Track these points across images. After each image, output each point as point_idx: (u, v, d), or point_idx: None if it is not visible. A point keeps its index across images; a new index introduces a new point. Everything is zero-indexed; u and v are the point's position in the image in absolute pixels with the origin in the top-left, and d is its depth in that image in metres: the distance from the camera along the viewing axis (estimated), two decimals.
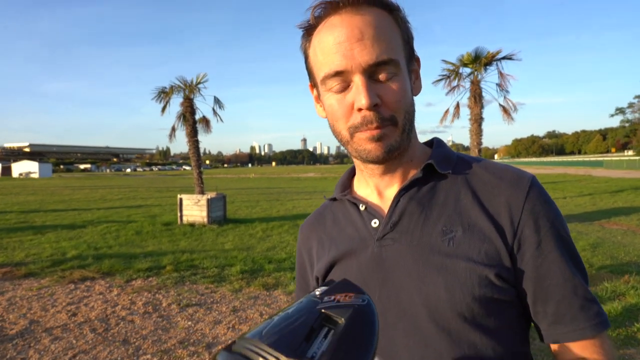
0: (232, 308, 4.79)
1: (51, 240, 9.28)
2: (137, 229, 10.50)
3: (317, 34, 0.72)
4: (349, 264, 0.79)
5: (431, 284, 0.69)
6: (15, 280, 6.13)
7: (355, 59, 0.66)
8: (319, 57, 0.71)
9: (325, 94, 0.73)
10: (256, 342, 0.39)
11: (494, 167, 0.76)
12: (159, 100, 12.06)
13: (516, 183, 0.72)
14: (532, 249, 0.69)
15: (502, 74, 10.50)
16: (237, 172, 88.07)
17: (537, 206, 0.70)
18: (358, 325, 0.42)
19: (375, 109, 0.68)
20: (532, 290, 0.70)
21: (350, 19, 0.67)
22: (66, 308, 4.88)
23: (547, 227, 0.70)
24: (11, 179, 65.75)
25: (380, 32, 0.68)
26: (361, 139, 0.71)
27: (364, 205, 0.80)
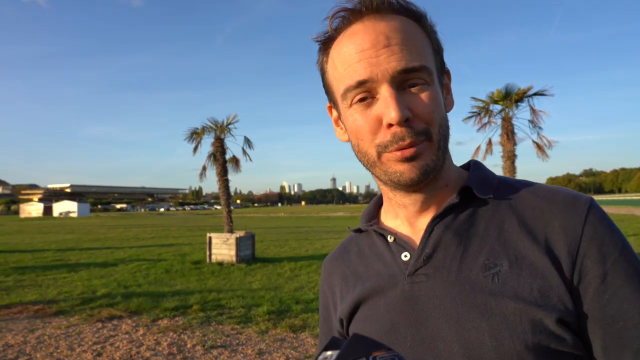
0: (257, 351, 4.63)
1: (83, 278, 9.41)
2: (167, 268, 10.55)
3: (337, 45, 0.64)
4: (376, 304, 0.68)
5: (473, 330, 0.57)
6: (46, 318, 6.19)
7: (382, 66, 0.58)
8: (339, 69, 0.63)
9: (347, 111, 0.64)
10: None
11: (543, 189, 0.65)
12: (191, 141, 12.40)
13: (572, 206, 0.61)
14: (597, 284, 0.56)
15: (534, 110, 10.29)
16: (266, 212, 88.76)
17: (600, 232, 0.58)
18: None
19: (406, 123, 0.59)
20: (600, 337, 0.56)
21: (374, 25, 0.60)
22: (92, 347, 4.84)
23: (615, 256, 0.57)
24: (52, 218, 68.39)
25: (409, 37, 0.60)
26: (391, 159, 0.61)
27: (392, 236, 0.69)
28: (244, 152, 12.78)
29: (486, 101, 10.76)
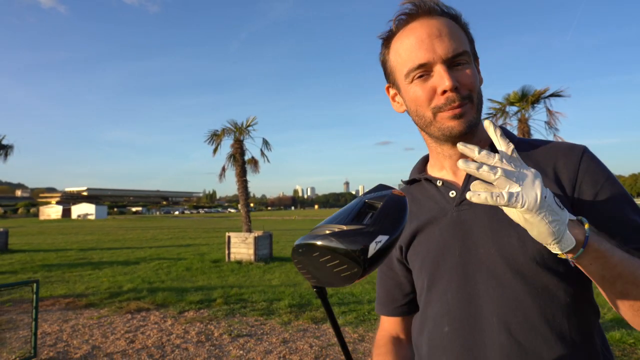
0: (282, 339, 4.82)
1: (108, 274, 9.73)
2: (187, 266, 10.82)
3: (398, 38, 0.86)
4: (430, 230, 0.90)
5: (505, 236, 0.81)
6: (77, 310, 6.47)
7: (437, 52, 0.80)
8: (402, 55, 0.85)
9: (407, 86, 0.86)
10: (323, 225, 0.59)
11: (550, 143, 0.90)
12: (211, 143, 12.69)
13: (571, 150, 0.85)
14: (591, 200, 0.80)
15: (550, 112, 10.35)
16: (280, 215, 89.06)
17: (592, 166, 0.82)
18: (392, 205, 0.61)
19: (455, 90, 0.80)
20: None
21: (427, 22, 0.83)
22: (124, 336, 5.09)
23: (602, 181, 0.81)
24: (70, 220, 69.68)
25: (454, 31, 0.83)
26: (444, 117, 0.82)
27: (440, 181, 0.92)
28: (262, 153, 13.04)
29: (502, 103, 10.84)
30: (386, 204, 0.61)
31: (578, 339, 0.78)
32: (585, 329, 0.80)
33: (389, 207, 0.60)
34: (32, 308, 4.48)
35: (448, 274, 0.87)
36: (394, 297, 1.04)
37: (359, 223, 0.58)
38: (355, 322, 5.38)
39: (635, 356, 4.03)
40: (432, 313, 0.90)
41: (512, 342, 0.78)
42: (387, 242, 0.56)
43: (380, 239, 0.56)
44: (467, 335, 0.83)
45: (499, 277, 0.81)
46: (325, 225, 0.59)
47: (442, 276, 0.88)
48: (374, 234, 0.56)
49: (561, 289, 0.79)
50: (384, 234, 0.56)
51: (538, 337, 0.78)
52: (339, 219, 0.59)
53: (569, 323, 0.78)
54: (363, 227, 0.57)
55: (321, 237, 0.58)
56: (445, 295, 0.87)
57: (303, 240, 0.59)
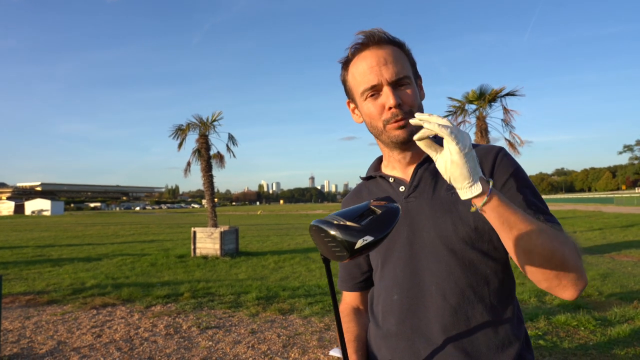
0: (250, 330, 4.95)
1: (69, 271, 9.51)
2: (152, 261, 10.71)
3: (354, 64, 1.07)
4: None
5: (442, 222, 1.03)
6: (39, 306, 6.35)
7: (384, 76, 1.02)
8: (357, 78, 1.06)
9: (363, 103, 1.08)
10: (334, 216, 0.80)
11: (479, 147, 1.10)
12: (176, 137, 12.55)
13: (491, 149, 1.09)
14: (500, 186, 1.02)
15: (506, 110, 10.90)
16: (245, 210, 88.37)
17: (504, 161, 1.05)
18: (387, 216, 0.81)
19: (398, 107, 1.02)
20: None
21: (376, 51, 1.04)
22: (91, 330, 5.08)
23: (511, 171, 1.04)
24: (24, 216, 66.62)
25: (397, 58, 1.04)
26: (391, 128, 1.05)
27: (392, 178, 1.15)
28: (228, 148, 13.03)
29: (462, 101, 11.31)
30: (383, 213, 0.80)
31: (496, 301, 1.02)
32: (502, 294, 1.03)
33: (384, 216, 0.79)
34: None
35: (398, 252, 1.08)
36: (353, 275, 1.26)
37: (358, 222, 0.77)
38: (322, 312, 5.58)
39: (577, 337, 4.42)
40: (385, 285, 1.12)
41: (446, 304, 1.00)
42: (371, 241, 0.76)
43: (367, 238, 0.76)
44: (412, 301, 1.04)
45: (437, 254, 1.03)
46: (336, 216, 0.80)
47: (392, 255, 1.09)
48: (364, 233, 0.76)
49: (483, 263, 1.02)
50: (371, 235, 0.76)
51: (465, 299, 1.00)
52: (347, 215, 0.79)
53: (489, 289, 1.02)
54: (359, 226, 0.77)
55: (329, 225, 0.79)
56: (395, 270, 1.08)
57: (318, 223, 0.80)
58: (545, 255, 0.85)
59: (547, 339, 4.35)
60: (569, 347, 4.16)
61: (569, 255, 0.86)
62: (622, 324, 4.73)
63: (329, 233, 0.77)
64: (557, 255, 0.85)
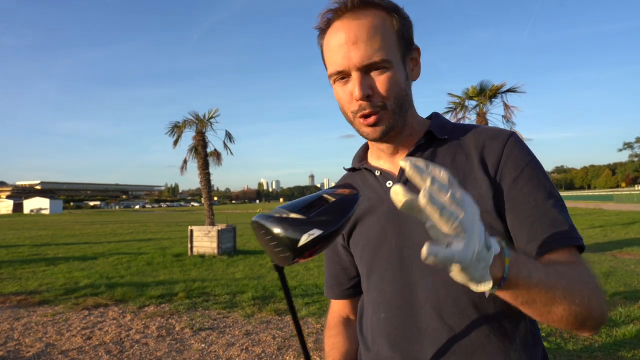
0: (244, 332, 4.81)
1: (64, 270, 9.37)
2: (148, 260, 10.58)
3: (327, 35, 0.86)
4: (369, 219, 0.93)
5: None
6: (29, 307, 6.21)
7: (351, 60, 0.80)
8: (327, 55, 0.87)
9: (333, 85, 0.88)
10: (279, 208, 0.65)
11: (482, 128, 0.92)
12: (172, 134, 12.40)
13: (497, 135, 0.88)
14: (510, 183, 0.83)
15: (506, 106, 10.74)
16: (245, 208, 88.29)
17: (515, 150, 0.85)
18: (341, 204, 0.66)
19: (367, 99, 0.82)
20: (512, 217, 0.82)
21: (349, 23, 0.81)
22: (81, 332, 4.93)
23: (523, 166, 0.83)
24: (23, 215, 66.53)
25: (372, 34, 0.80)
26: (360, 123, 0.86)
27: (378, 171, 0.95)
28: (225, 145, 12.87)
29: (462, 97, 11.16)
30: (336, 202, 0.65)
31: (505, 321, 0.82)
32: (512, 311, 0.79)
33: (337, 205, 0.65)
34: None
35: (385, 261, 0.90)
36: (340, 280, 1.07)
37: (304, 214, 0.62)
38: (319, 312, 5.43)
39: (581, 338, 4.28)
40: (371, 299, 0.94)
41: (443, 326, 0.82)
42: (319, 235, 0.60)
43: (313, 232, 0.60)
44: (402, 321, 0.87)
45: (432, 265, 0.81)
46: (281, 209, 0.64)
47: (379, 264, 0.91)
48: (309, 226, 0.60)
49: None
50: (320, 228, 0.60)
51: (466, 319, 0.81)
52: (293, 206, 0.64)
53: (495, 306, 0.81)
54: (304, 218, 0.62)
55: (269, 219, 0.63)
56: (382, 282, 0.90)
57: (257, 218, 0.65)
58: (567, 313, 0.69)
59: (550, 341, 4.21)
60: (573, 349, 4.02)
61: (593, 302, 0.71)
62: (627, 324, 4.59)
63: (269, 230, 0.62)
64: (580, 309, 0.70)
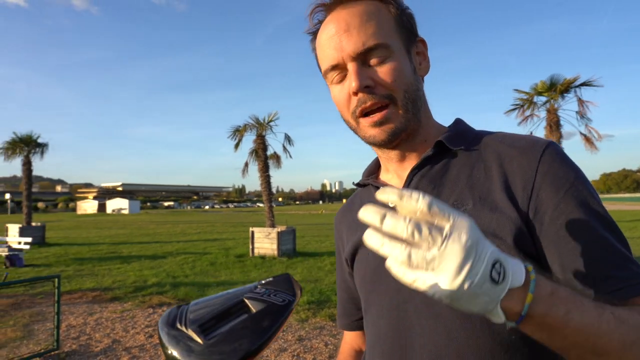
0: (297, 337, 4.81)
1: (135, 269, 9.97)
2: (212, 260, 10.98)
3: (318, 35, 0.76)
4: None
5: None
6: (102, 303, 6.65)
7: (345, 50, 0.70)
8: (319, 54, 0.76)
9: (329, 87, 0.77)
10: (190, 308, 0.51)
11: (510, 138, 0.74)
12: (234, 138, 12.79)
13: (530, 148, 0.70)
14: (551, 212, 0.64)
15: (581, 101, 9.89)
16: (308, 209, 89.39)
17: (553, 167, 0.66)
18: (262, 318, 0.50)
19: (368, 90, 0.70)
20: (557, 255, 0.64)
21: (338, 14, 0.72)
22: (144, 330, 5.20)
23: (567, 187, 0.65)
24: (105, 214, 72.10)
25: (366, 19, 0.70)
26: (365, 125, 0.73)
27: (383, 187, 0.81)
28: (285, 148, 13.05)
29: (530, 93, 10.44)
30: (254, 315, 0.50)
31: None
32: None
33: (253, 321, 0.49)
34: (55, 302, 4.62)
35: (382, 296, 0.77)
36: (349, 311, 0.97)
37: (205, 335, 0.47)
38: None
39: None
40: (369, 338, 0.82)
41: None
42: None
43: None
44: None
45: (432, 306, 0.68)
46: (190, 312, 0.50)
47: (376, 298, 0.78)
48: (204, 357, 0.45)
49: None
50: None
51: None
52: (204, 313, 0.50)
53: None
54: (200, 343, 0.46)
55: (164, 331, 0.49)
56: (379, 321, 0.77)
57: (160, 323, 0.52)
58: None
59: None
60: None
61: None
62: None
63: (163, 344, 0.49)
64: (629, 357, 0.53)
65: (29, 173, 17.36)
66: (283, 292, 0.55)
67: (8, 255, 10.73)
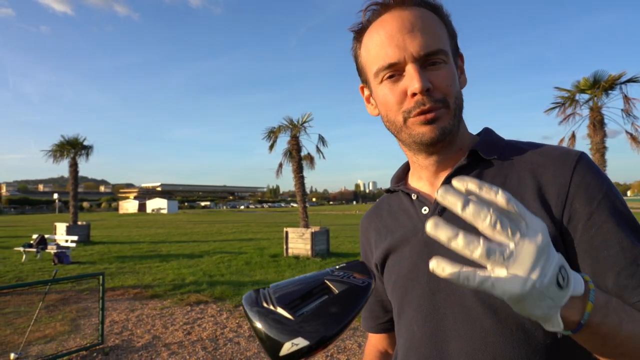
0: None
1: (174, 267, 10.29)
2: (247, 260, 11.18)
3: (369, 32, 0.76)
4: (402, 250, 0.82)
5: None
6: (143, 300, 6.91)
7: (408, 50, 0.70)
8: (371, 52, 0.75)
9: (378, 87, 0.77)
10: (275, 287, 0.53)
11: (543, 148, 0.76)
12: (268, 139, 12.98)
13: (563, 158, 0.71)
14: (584, 221, 0.66)
15: (627, 98, 9.42)
16: (341, 209, 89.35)
17: (587, 178, 0.68)
18: (346, 298, 0.52)
19: (427, 93, 0.71)
20: (589, 264, 0.66)
21: (399, 14, 0.73)
22: (182, 327, 5.37)
23: (600, 198, 0.67)
24: (145, 214, 74.53)
25: (429, 24, 0.73)
26: (415, 122, 0.73)
27: (415, 194, 0.83)
28: (318, 149, 13.12)
29: (572, 90, 10.05)
30: (340, 295, 0.52)
31: None
32: None
33: (339, 300, 0.52)
34: (99, 299, 4.85)
35: (416, 302, 0.78)
36: (376, 314, 0.98)
37: (293, 311, 0.50)
38: None
39: None
40: (401, 344, 0.83)
41: None
42: (304, 348, 0.47)
43: (298, 341, 0.47)
44: None
45: (469, 310, 0.70)
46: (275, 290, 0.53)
47: (410, 304, 0.79)
48: (295, 333, 0.48)
49: (541, 327, 0.63)
50: (306, 337, 0.47)
51: None
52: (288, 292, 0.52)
53: None
54: (291, 319, 0.49)
55: (253, 308, 0.52)
56: (412, 326, 0.78)
57: (245, 300, 0.54)
58: None
59: None
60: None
61: None
62: None
63: (251, 321, 0.51)
64: None
65: (76, 174, 18.21)
66: (360, 275, 0.57)
67: (57, 253, 11.31)
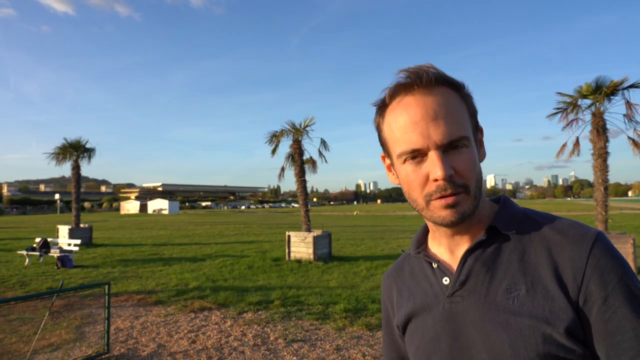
0: (335, 346, 4.86)
1: (176, 271, 10.32)
2: (249, 264, 11.20)
3: (392, 111, 0.79)
4: (424, 317, 0.85)
5: (497, 341, 0.72)
6: (147, 306, 6.94)
7: (431, 138, 0.73)
8: (395, 133, 0.79)
9: (401, 165, 0.80)
10: None
11: (560, 224, 0.78)
12: (271, 143, 12.99)
13: (580, 239, 0.74)
14: (599, 304, 0.69)
15: (629, 104, 9.42)
16: (342, 210, 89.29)
17: (602, 261, 0.71)
18: None
19: (449, 179, 0.74)
20: (604, 347, 0.68)
21: (423, 99, 0.75)
22: (187, 335, 5.39)
23: (615, 282, 0.69)
24: (147, 214, 74.58)
25: (451, 110, 0.75)
26: (436, 206, 0.76)
27: (436, 263, 0.86)
28: (320, 153, 13.13)
29: (574, 96, 10.05)
30: None
31: None
32: None
33: None
34: (105, 307, 4.87)
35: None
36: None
37: None
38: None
39: None
40: None
41: None
42: None
43: None
44: None
45: None
46: None
47: None
48: None
49: None
50: None
51: None
52: None
53: None
54: None
55: None
56: None
57: None
58: None
59: None
60: None
61: None
62: None
63: None
64: None
65: (78, 177, 18.24)
66: None
67: (59, 257, 11.33)
